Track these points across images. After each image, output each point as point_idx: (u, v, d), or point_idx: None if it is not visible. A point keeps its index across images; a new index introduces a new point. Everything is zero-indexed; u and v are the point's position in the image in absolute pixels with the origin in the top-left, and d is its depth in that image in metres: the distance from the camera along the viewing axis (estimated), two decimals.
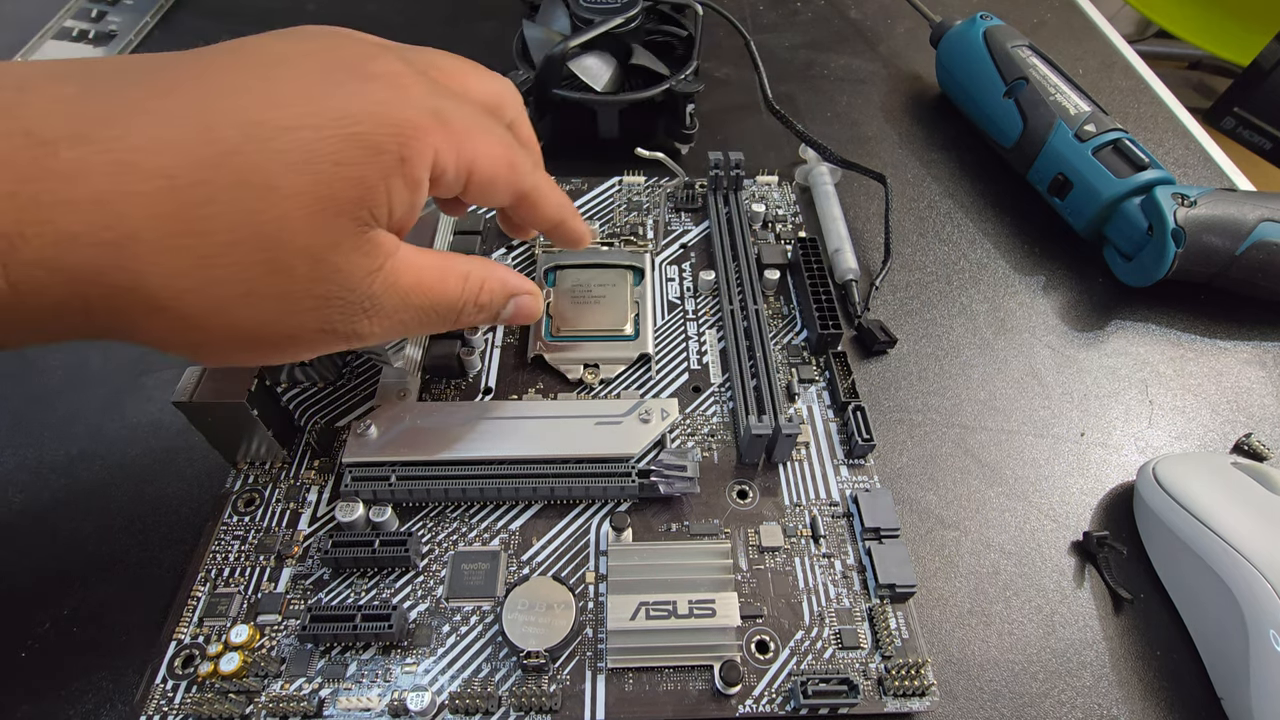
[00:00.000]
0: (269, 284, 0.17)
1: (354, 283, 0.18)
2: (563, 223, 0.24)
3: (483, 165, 0.20)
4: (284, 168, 0.16)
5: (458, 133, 0.19)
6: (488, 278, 0.22)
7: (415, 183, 0.18)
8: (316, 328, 0.18)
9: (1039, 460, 0.28)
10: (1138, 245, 0.32)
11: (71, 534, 0.25)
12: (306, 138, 0.16)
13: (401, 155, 0.17)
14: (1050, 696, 0.23)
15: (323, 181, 0.16)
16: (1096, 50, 0.48)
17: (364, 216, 0.17)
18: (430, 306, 0.20)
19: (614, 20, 0.34)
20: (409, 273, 0.19)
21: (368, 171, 0.17)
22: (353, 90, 0.17)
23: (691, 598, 0.22)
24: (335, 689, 0.21)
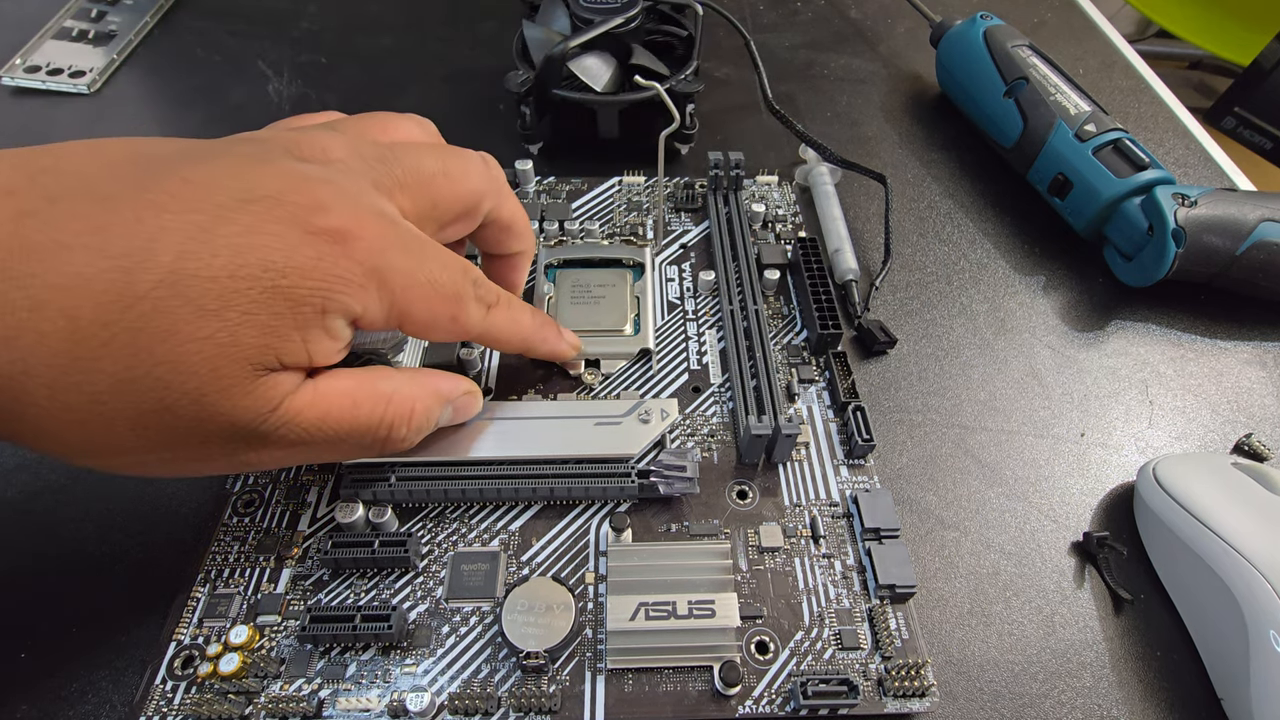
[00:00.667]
0: (154, 422, 0.17)
1: (239, 425, 0.18)
2: (529, 350, 0.25)
3: (417, 318, 0.20)
4: (192, 314, 0.16)
5: (394, 289, 0.19)
6: (417, 397, 0.21)
7: (335, 332, 0.18)
8: (198, 458, 0.18)
9: (1039, 460, 0.28)
10: (1138, 245, 0.32)
11: (71, 534, 0.25)
12: (224, 288, 0.16)
13: (324, 308, 0.18)
14: (1050, 697, 0.23)
15: (227, 328, 0.16)
16: (1097, 50, 0.47)
17: (266, 362, 0.17)
18: (341, 437, 0.19)
19: (614, 20, 0.34)
20: (312, 408, 0.19)
21: (280, 322, 0.17)
22: (289, 244, 0.17)
23: (691, 598, 0.22)
24: (335, 690, 0.21)
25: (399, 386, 0.21)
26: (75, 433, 0.17)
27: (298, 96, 0.42)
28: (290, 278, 0.17)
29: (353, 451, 0.21)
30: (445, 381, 0.22)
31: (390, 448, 0.21)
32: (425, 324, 0.20)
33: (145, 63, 0.44)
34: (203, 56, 0.44)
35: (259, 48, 0.44)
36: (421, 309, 0.20)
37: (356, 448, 0.21)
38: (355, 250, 0.18)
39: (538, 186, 0.35)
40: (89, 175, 0.17)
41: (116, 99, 0.41)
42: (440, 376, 0.22)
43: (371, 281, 0.18)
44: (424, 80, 0.43)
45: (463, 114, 0.41)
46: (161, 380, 0.16)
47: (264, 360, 0.17)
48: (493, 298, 0.22)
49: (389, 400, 0.20)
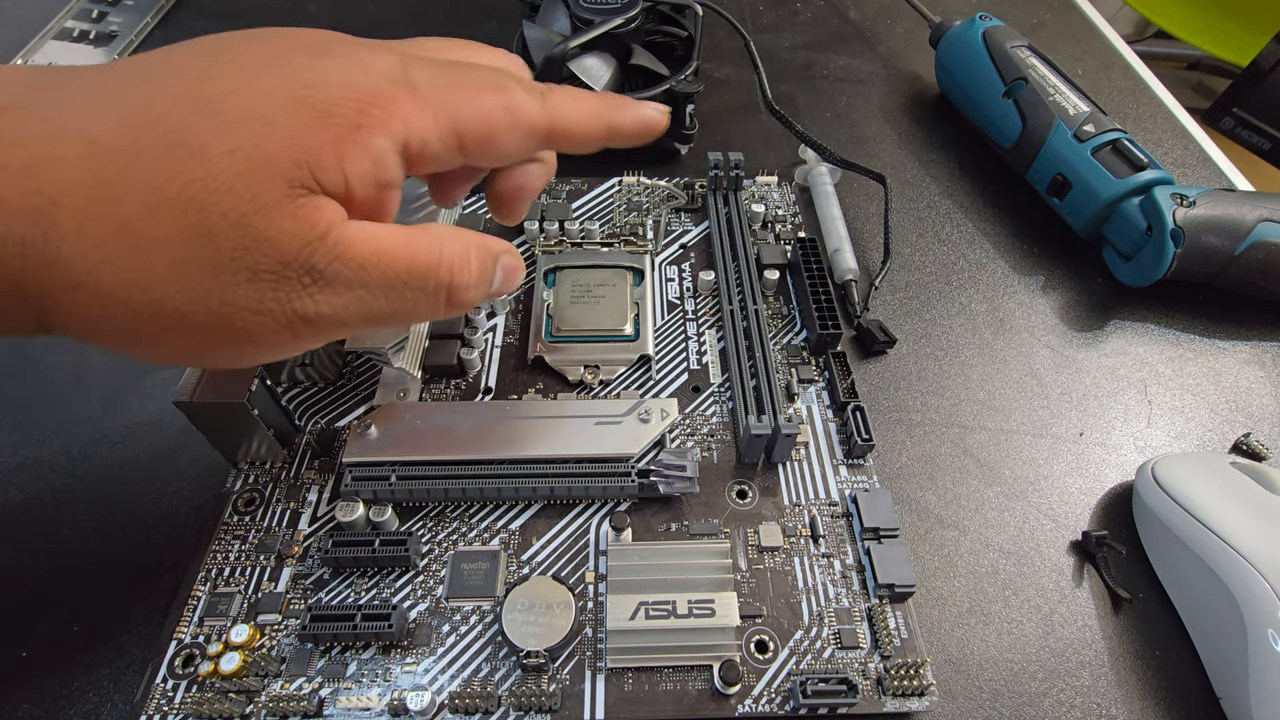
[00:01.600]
0: (192, 254, 0.15)
1: (287, 253, 0.16)
2: (614, 127, 0.21)
3: (471, 121, 0.18)
4: (217, 128, 0.15)
5: (430, 95, 0.17)
6: (470, 243, 0.19)
7: (376, 153, 0.17)
8: (250, 307, 0.16)
9: (1038, 460, 0.28)
10: (1137, 245, 0.32)
11: (72, 533, 0.25)
12: (246, 100, 0.15)
13: (357, 122, 0.16)
14: (1049, 696, 0.23)
15: (254, 140, 0.15)
16: (1095, 51, 0.48)
17: (302, 178, 0.16)
18: (397, 278, 0.17)
19: (614, 21, 0.34)
20: (363, 242, 0.17)
21: (311, 135, 0.16)
22: (305, 62, 0.16)
23: (691, 597, 0.22)
24: (335, 688, 0.21)
25: (451, 233, 0.19)
26: (110, 276, 0.15)
27: None
28: (316, 88, 0.16)
29: (416, 302, 0.18)
30: (490, 238, 0.20)
31: (456, 298, 0.19)
32: (482, 127, 0.18)
33: None
34: None
35: None
36: (470, 109, 0.18)
37: (420, 296, 0.18)
38: (377, 66, 0.17)
39: None
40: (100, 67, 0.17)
41: None
42: (484, 234, 0.20)
43: (402, 90, 0.17)
44: None
45: None
46: (194, 200, 0.15)
47: (299, 176, 0.16)
48: (543, 86, 0.20)
49: (444, 241, 0.18)
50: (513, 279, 0.21)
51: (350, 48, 0.18)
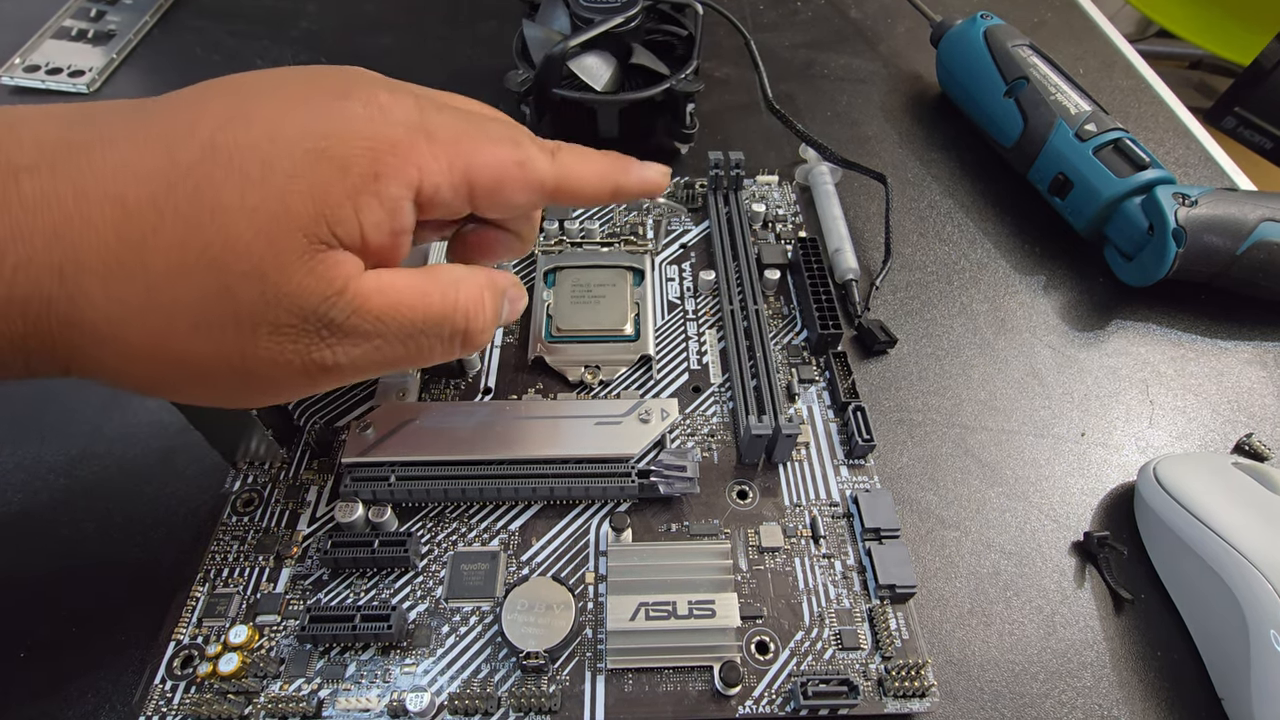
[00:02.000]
0: (216, 311, 0.16)
1: (305, 308, 0.16)
2: (619, 188, 0.22)
3: (483, 172, 0.18)
4: (238, 184, 0.15)
5: (445, 143, 0.18)
6: (483, 285, 0.20)
7: (392, 202, 0.17)
8: (270, 359, 0.17)
9: (1039, 460, 0.28)
10: (1138, 245, 0.32)
11: (71, 534, 0.25)
12: (267, 153, 0.16)
13: (374, 172, 0.17)
14: (1051, 697, 0.23)
15: (274, 196, 0.16)
16: (1097, 50, 0.47)
17: (320, 234, 0.16)
18: (414, 326, 0.18)
19: (614, 20, 0.34)
20: (380, 294, 0.17)
21: (330, 188, 0.16)
22: (324, 109, 0.17)
23: (691, 598, 0.22)
24: (334, 690, 0.21)
25: (463, 275, 0.19)
26: (137, 333, 0.16)
27: None
28: (332, 141, 0.16)
29: (432, 348, 0.19)
30: (497, 274, 0.20)
31: (470, 341, 0.19)
32: (493, 179, 0.19)
33: (145, 62, 0.44)
34: (202, 56, 0.44)
35: (258, 47, 0.44)
36: (483, 161, 0.18)
37: (435, 342, 0.19)
38: (396, 112, 0.17)
39: None
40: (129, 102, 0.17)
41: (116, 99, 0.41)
42: (489, 270, 0.21)
43: (419, 137, 0.17)
44: (424, 80, 0.42)
45: None
46: (216, 260, 0.15)
47: (318, 231, 0.16)
48: (553, 144, 0.21)
49: (458, 286, 0.19)
50: (516, 309, 0.21)
51: (370, 90, 0.18)
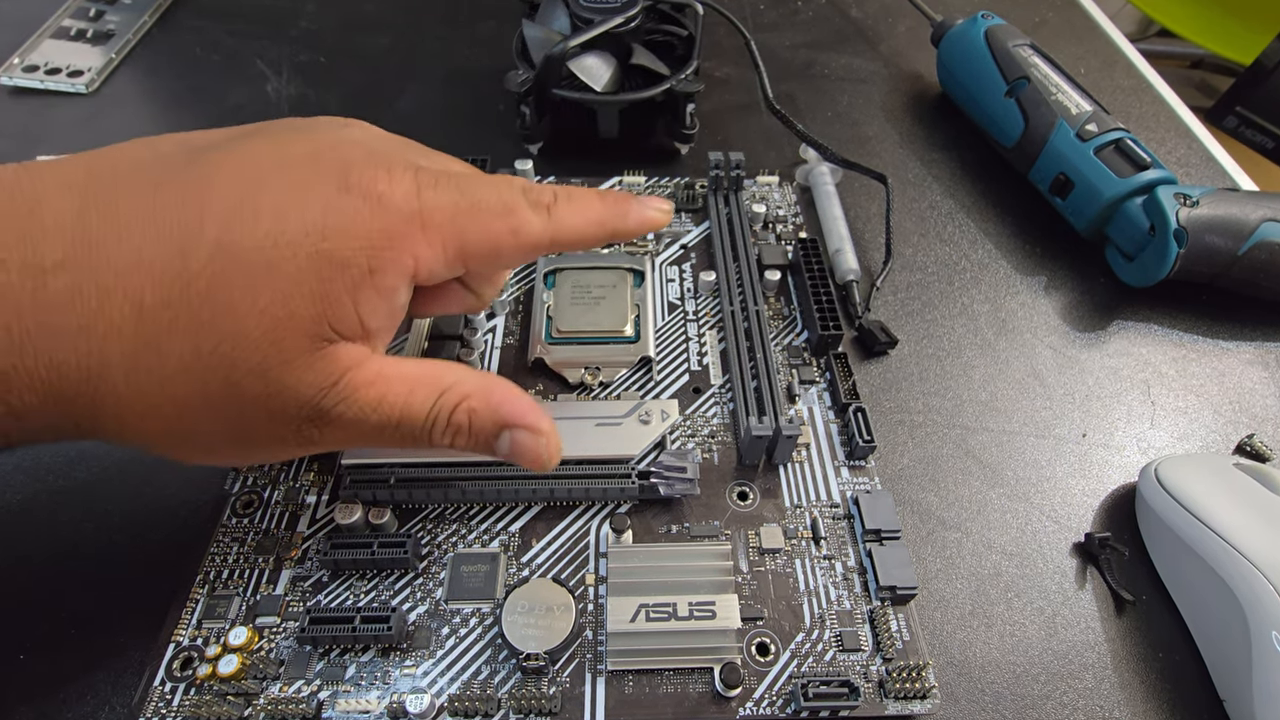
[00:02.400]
0: (222, 400, 0.17)
1: (302, 399, 0.18)
2: (617, 233, 0.22)
3: (477, 246, 0.19)
4: (246, 286, 0.16)
5: (440, 226, 0.18)
6: (473, 395, 0.19)
7: (389, 291, 0.18)
8: (267, 435, 0.18)
9: (1040, 461, 0.28)
10: (1139, 245, 0.32)
11: (70, 535, 0.25)
12: (270, 255, 0.17)
13: (370, 268, 0.17)
14: (1052, 698, 0.23)
15: (280, 300, 0.17)
16: (1098, 49, 0.47)
17: (322, 332, 0.17)
18: (389, 425, 0.19)
19: (614, 20, 0.34)
20: (371, 387, 0.18)
21: (331, 288, 0.17)
22: (325, 204, 0.17)
23: (692, 600, 0.22)
24: (334, 691, 0.21)
25: (458, 381, 0.20)
26: (152, 418, 0.17)
27: (297, 96, 0.42)
28: (331, 239, 0.17)
29: (396, 443, 0.20)
30: (512, 401, 0.20)
31: (435, 445, 0.20)
32: (488, 250, 0.19)
33: (144, 62, 0.43)
34: (201, 56, 0.44)
35: (258, 47, 0.44)
36: (477, 235, 0.19)
37: (399, 440, 0.19)
38: (393, 200, 0.18)
39: None
40: (142, 164, 0.18)
41: (115, 99, 0.41)
42: (510, 391, 0.20)
43: (415, 226, 0.18)
44: (423, 80, 0.43)
45: (462, 114, 0.41)
46: (227, 358, 0.17)
47: (320, 330, 0.17)
48: (548, 197, 0.20)
49: (442, 392, 0.19)
50: (522, 458, 0.20)
51: (369, 175, 0.18)
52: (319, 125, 0.20)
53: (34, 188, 0.16)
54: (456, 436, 0.20)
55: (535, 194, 0.20)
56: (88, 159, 0.18)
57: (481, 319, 0.30)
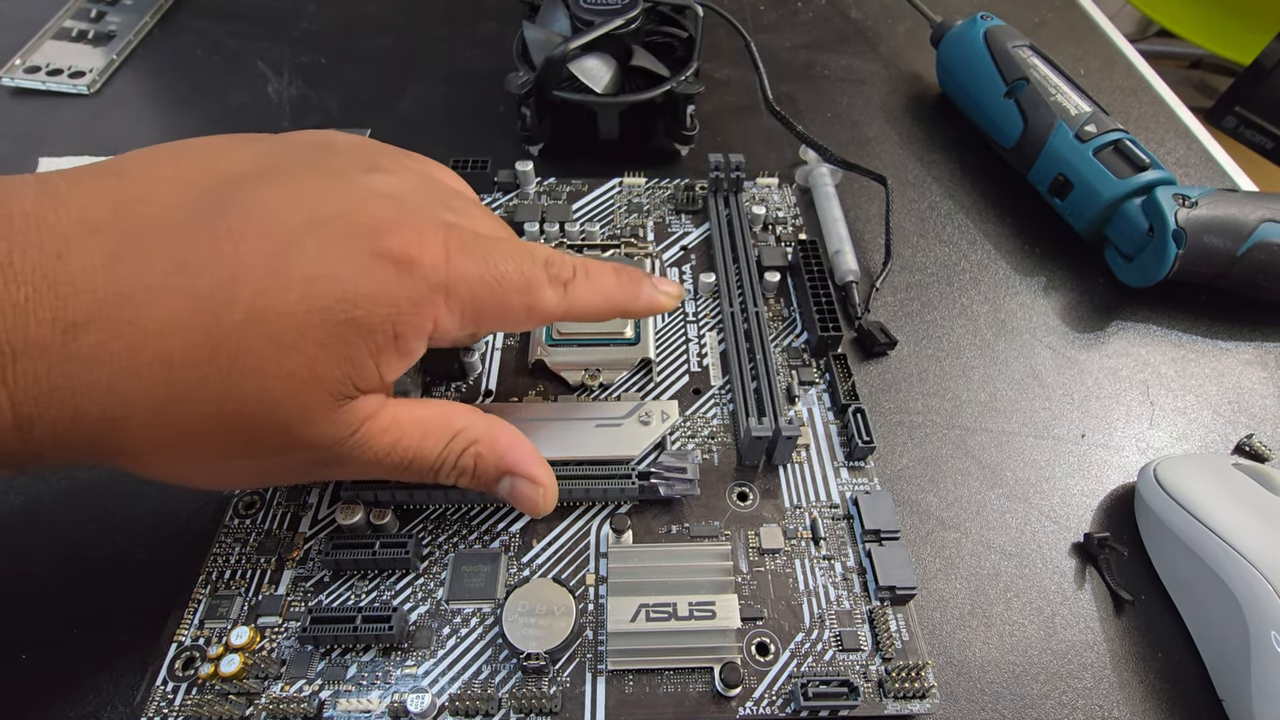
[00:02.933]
0: (244, 451, 0.18)
1: (319, 448, 0.18)
2: (624, 312, 0.23)
3: (492, 317, 0.20)
4: (274, 351, 0.17)
5: (464, 298, 0.19)
6: (480, 441, 0.21)
7: (409, 352, 0.19)
8: (282, 475, 0.21)
9: (1040, 462, 0.28)
10: (1139, 246, 0.32)
11: (72, 535, 0.25)
12: (300, 321, 0.17)
13: (395, 333, 0.18)
14: (1051, 698, 0.23)
15: (306, 363, 0.17)
16: (1097, 49, 0.47)
17: (345, 391, 0.18)
18: (400, 465, 0.20)
19: (614, 22, 0.34)
20: (386, 434, 0.19)
21: (355, 352, 0.18)
22: (356, 271, 0.18)
23: (692, 600, 0.22)
24: (335, 691, 0.21)
25: (469, 426, 0.21)
26: (170, 461, 0.18)
27: (298, 97, 0.42)
28: (362, 307, 0.17)
29: (408, 478, 0.21)
30: (517, 450, 0.21)
31: (442, 481, 0.21)
32: (500, 320, 0.21)
33: (145, 63, 0.44)
34: (202, 57, 0.44)
35: (259, 48, 0.44)
36: (493, 307, 0.20)
37: (409, 476, 0.21)
38: (421, 269, 0.18)
39: (538, 188, 0.35)
40: (170, 205, 0.17)
41: (116, 100, 0.41)
42: (516, 440, 0.22)
43: (439, 295, 0.19)
44: (424, 81, 0.43)
45: (463, 115, 0.41)
46: (250, 416, 0.17)
47: (343, 390, 0.18)
48: (568, 273, 0.21)
49: (453, 435, 0.21)
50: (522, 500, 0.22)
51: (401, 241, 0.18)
52: (346, 168, 0.19)
53: (59, 226, 0.16)
54: (461, 477, 0.21)
55: (556, 268, 0.21)
56: (112, 189, 0.17)
57: None
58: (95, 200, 0.17)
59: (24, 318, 0.15)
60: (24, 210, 0.16)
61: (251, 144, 0.20)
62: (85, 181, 0.17)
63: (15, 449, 0.16)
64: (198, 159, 0.19)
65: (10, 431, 0.16)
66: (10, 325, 0.15)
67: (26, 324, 0.15)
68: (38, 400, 0.16)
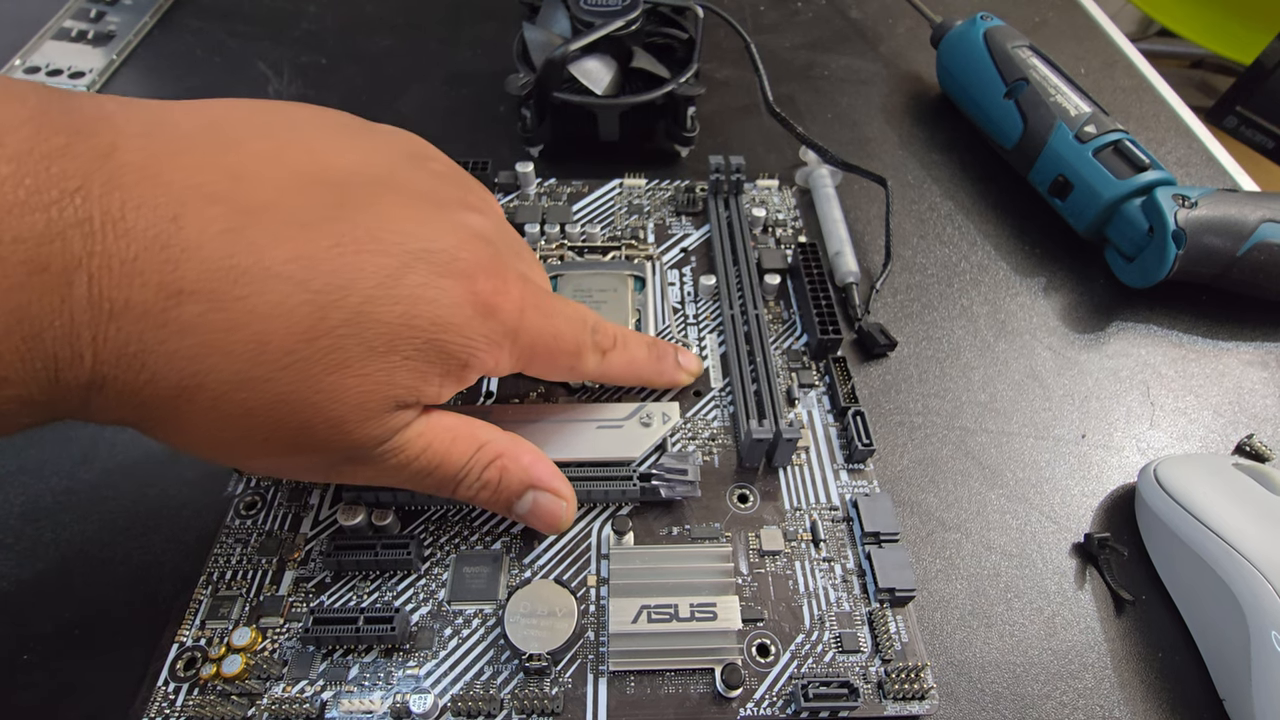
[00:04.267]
0: (289, 436, 0.18)
1: (358, 448, 0.19)
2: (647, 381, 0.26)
3: (538, 366, 0.22)
4: (363, 353, 0.17)
5: (522, 346, 0.21)
6: (505, 454, 0.21)
7: (466, 381, 0.20)
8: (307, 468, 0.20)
9: (1040, 462, 0.28)
10: (1139, 246, 0.32)
11: (73, 536, 0.25)
12: (396, 333, 0.18)
13: (466, 363, 0.19)
14: (1051, 699, 0.23)
15: (387, 370, 0.18)
16: (1098, 49, 0.47)
17: (406, 402, 0.19)
18: (424, 472, 0.20)
19: (614, 23, 0.34)
20: (419, 439, 0.20)
21: (431, 369, 0.19)
22: (454, 304, 0.18)
23: (693, 601, 0.22)
24: (337, 691, 0.21)
25: (494, 440, 0.22)
26: (211, 439, 0.17)
27: (298, 98, 0.42)
28: (449, 334, 0.18)
29: (426, 488, 0.21)
30: (541, 466, 0.22)
31: (460, 495, 0.22)
32: (543, 370, 0.22)
33: (145, 63, 0.44)
34: (202, 57, 0.44)
35: (259, 48, 0.44)
36: (543, 359, 0.22)
37: (431, 486, 0.21)
38: (501, 314, 0.19)
39: (538, 189, 0.35)
40: (284, 189, 0.17)
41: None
42: (539, 458, 0.22)
43: (507, 340, 0.20)
44: (424, 81, 0.43)
45: (463, 116, 0.41)
46: (314, 404, 0.17)
47: (405, 400, 0.19)
48: (609, 343, 0.24)
49: (480, 447, 0.21)
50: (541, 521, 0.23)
51: (492, 288, 0.19)
52: (449, 199, 0.20)
53: (174, 187, 0.15)
54: (483, 490, 0.21)
55: (600, 337, 0.23)
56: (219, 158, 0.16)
57: None
58: (207, 166, 0.16)
59: (130, 277, 0.14)
60: (134, 161, 0.15)
61: (352, 136, 0.20)
62: (195, 140, 0.17)
63: (74, 406, 0.16)
64: (300, 141, 0.19)
65: (78, 389, 0.15)
66: (116, 282, 0.14)
67: (131, 284, 0.15)
68: (119, 361, 0.15)
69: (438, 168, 0.22)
